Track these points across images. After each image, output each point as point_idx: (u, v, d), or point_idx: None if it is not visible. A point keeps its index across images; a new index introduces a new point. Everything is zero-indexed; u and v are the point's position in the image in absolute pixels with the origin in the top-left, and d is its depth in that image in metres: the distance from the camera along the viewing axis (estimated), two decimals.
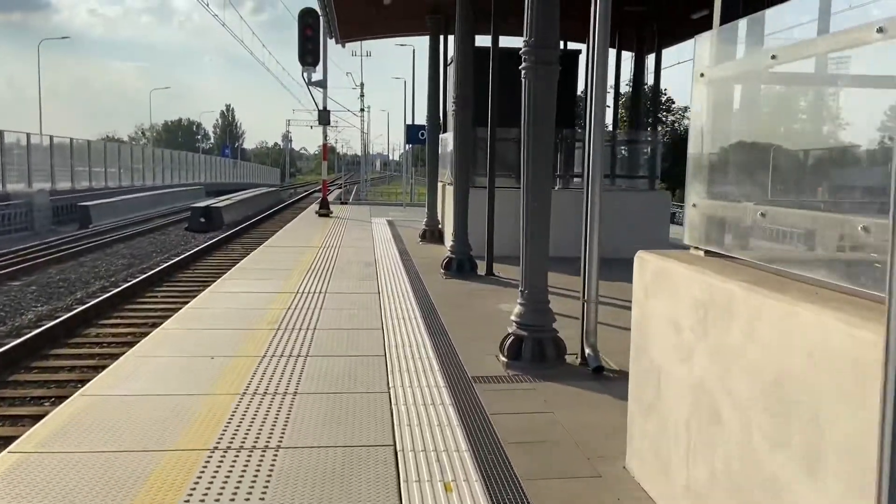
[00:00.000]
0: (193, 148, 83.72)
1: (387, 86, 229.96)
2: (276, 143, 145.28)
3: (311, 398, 4.56)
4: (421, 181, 40.54)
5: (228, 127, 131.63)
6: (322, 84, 19.55)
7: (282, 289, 8.40)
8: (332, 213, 20.27)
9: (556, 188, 12.22)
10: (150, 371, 5.08)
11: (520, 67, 5.38)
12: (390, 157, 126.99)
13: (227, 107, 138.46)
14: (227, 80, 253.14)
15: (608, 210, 11.40)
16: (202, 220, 25.03)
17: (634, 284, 3.47)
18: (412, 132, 25.45)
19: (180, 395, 4.57)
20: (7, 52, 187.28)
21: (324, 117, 19.76)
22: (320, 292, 8.23)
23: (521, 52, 5.38)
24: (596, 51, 5.13)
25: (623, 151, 13.33)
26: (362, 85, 55.12)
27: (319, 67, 19.71)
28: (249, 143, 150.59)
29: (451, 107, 14.24)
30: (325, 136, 20.96)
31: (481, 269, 9.83)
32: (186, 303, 8.97)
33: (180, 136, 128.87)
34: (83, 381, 6.80)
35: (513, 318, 5.47)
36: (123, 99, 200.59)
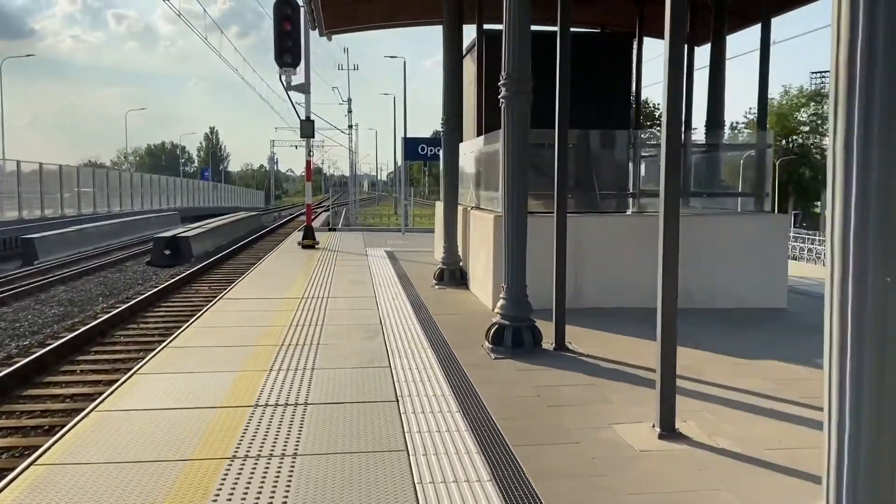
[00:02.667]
0: (177, 172, 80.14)
1: (374, 103, 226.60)
2: (261, 166, 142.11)
3: None
4: (419, 202, 37.21)
5: (213, 150, 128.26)
6: (304, 88, 16.14)
7: (230, 398, 4.90)
8: (317, 243, 16.78)
9: (633, 210, 8.83)
10: None
11: None
12: (378, 178, 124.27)
13: (211, 129, 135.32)
14: (213, 104, 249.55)
15: (701, 241, 8.05)
16: (167, 252, 21.47)
17: None
18: (410, 146, 22.04)
19: None
20: None
21: (307, 128, 16.30)
22: (296, 404, 4.75)
23: None
24: None
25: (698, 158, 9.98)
26: (350, 100, 52.07)
27: (301, 70, 16.37)
28: (235, 166, 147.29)
29: (474, 98, 10.93)
30: (309, 152, 17.49)
31: (545, 337, 6.41)
32: (113, 383, 5.56)
33: (164, 159, 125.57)
34: None
35: None
36: (108, 124, 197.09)
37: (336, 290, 9.82)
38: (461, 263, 10.42)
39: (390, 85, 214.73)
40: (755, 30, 10.97)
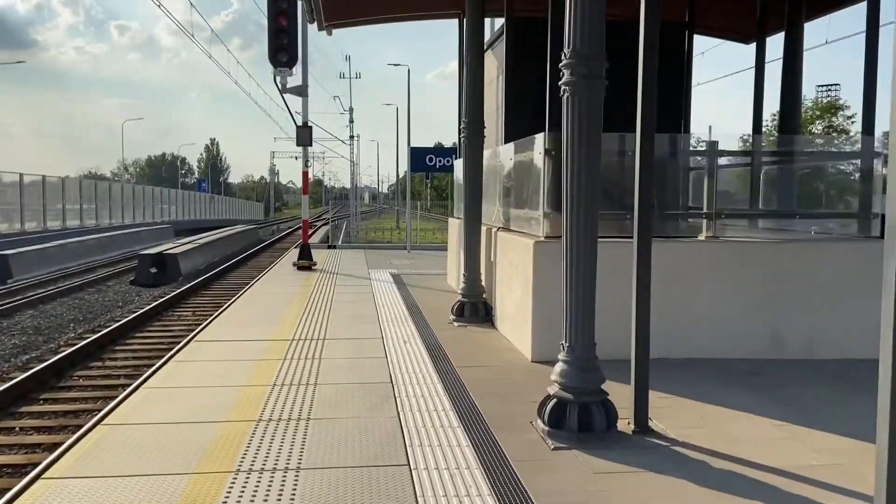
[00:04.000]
0: (177, 183, 78.63)
1: (376, 115, 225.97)
2: (262, 177, 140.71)
3: None
4: (421, 215, 35.47)
5: (213, 161, 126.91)
6: (301, 91, 14.48)
7: None
8: (315, 263, 15.06)
9: (707, 235, 7.08)
10: None
11: None
12: (379, 190, 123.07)
13: (212, 140, 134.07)
14: (215, 116, 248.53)
15: (793, 274, 6.35)
16: (153, 269, 19.77)
17: None
18: (416, 157, 20.38)
19: None
20: None
21: (303, 136, 14.61)
22: None
23: None
24: None
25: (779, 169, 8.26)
26: (351, 110, 50.59)
27: (297, 71, 14.73)
28: (235, 178, 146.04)
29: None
30: (306, 162, 15.80)
31: (621, 412, 4.65)
32: (58, 446, 3.85)
33: (164, 170, 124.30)
34: None
35: None
36: (110, 135, 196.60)
37: (335, 328, 8.09)
38: (484, 294, 8.70)
39: (392, 96, 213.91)
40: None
